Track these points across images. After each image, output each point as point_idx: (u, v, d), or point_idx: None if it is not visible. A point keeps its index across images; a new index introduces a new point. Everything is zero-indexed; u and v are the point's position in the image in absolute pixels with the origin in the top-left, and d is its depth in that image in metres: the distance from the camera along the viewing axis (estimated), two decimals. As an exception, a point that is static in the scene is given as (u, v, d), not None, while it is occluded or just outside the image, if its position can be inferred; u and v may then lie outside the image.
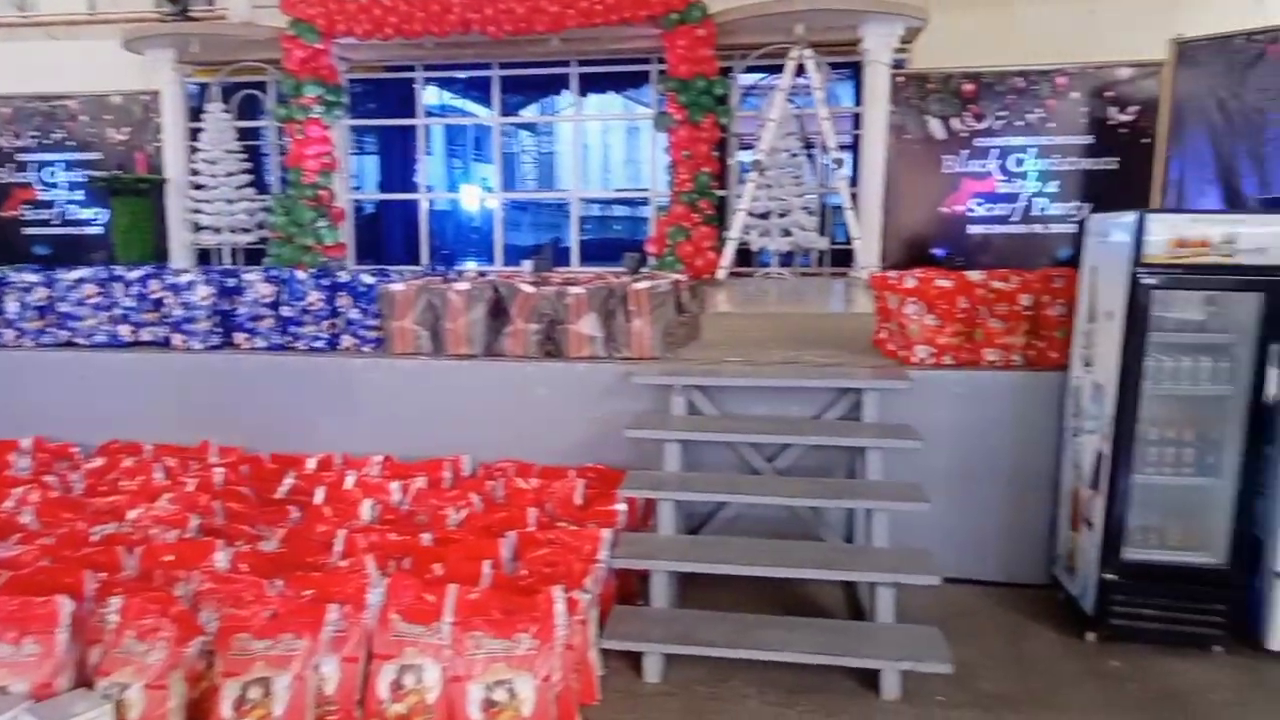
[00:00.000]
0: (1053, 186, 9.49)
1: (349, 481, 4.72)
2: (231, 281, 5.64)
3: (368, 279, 5.56)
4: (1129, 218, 3.82)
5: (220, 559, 3.74)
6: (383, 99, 14.39)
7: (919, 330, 4.81)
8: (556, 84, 13.97)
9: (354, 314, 5.42)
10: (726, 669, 3.70)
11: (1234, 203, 8.19)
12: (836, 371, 4.86)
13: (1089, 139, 9.33)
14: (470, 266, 13.66)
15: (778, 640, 3.65)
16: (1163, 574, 3.97)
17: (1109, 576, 3.98)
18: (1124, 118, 9.16)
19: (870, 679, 3.61)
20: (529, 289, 5.21)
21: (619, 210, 18.55)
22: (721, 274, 10.92)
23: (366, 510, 4.41)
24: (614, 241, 14.82)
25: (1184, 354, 3.97)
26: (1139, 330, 3.81)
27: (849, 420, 4.68)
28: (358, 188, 14.45)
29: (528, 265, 9.37)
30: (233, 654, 3.19)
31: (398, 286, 5.32)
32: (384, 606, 3.30)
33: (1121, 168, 9.36)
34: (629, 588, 4.18)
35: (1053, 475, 4.54)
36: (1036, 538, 4.62)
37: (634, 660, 3.73)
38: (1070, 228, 9.21)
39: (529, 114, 16.29)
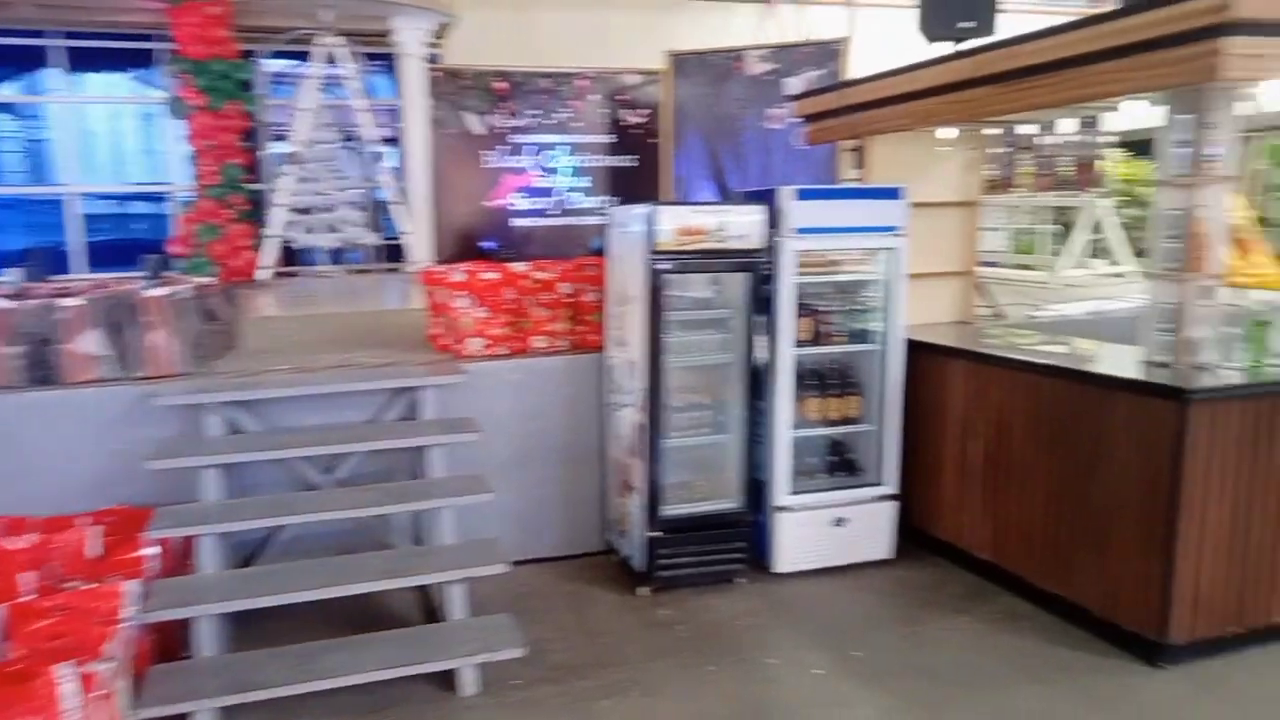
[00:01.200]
0: (584, 181, 10.25)
1: None
2: None
3: None
4: (642, 209, 4.22)
5: None
6: None
7: (471, 323, 4.86)
8: (36, 59, 11.73)
9: None
10: (294, 706, 3.41)
11: (724, 196, 9.58)
12: (391, 371, 4.72)
13: (611, 138, 10.22)
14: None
15: (346, 663, 3.45)
16: (695, 524, 4.50)
17: (653, 534, 4.40)
18: (636, 120, 10.18)
19: (449, 679, 3.58)
20: (3, 304, 4.27)
21: (140, 207, 16.17)
22: (263, 274, 10.08)
23: None
24: (134, 243, 12.92)
25: (696, 329, 4.53)
26: (658, 310, 4.24)
27: (408, 420, 4.59)
28: None
29: (14, 275, 7.72)
30: None
31: None
32: None
33: (640, 165, 10.41)
34: (173, 642, 3.65)
35: (600, 449, 4.90)
36: (591, 508, 4.96)
37: (181, 723, 3.27)
38: (601, 219, 10.01)
39: (5, 92, 13.45)
